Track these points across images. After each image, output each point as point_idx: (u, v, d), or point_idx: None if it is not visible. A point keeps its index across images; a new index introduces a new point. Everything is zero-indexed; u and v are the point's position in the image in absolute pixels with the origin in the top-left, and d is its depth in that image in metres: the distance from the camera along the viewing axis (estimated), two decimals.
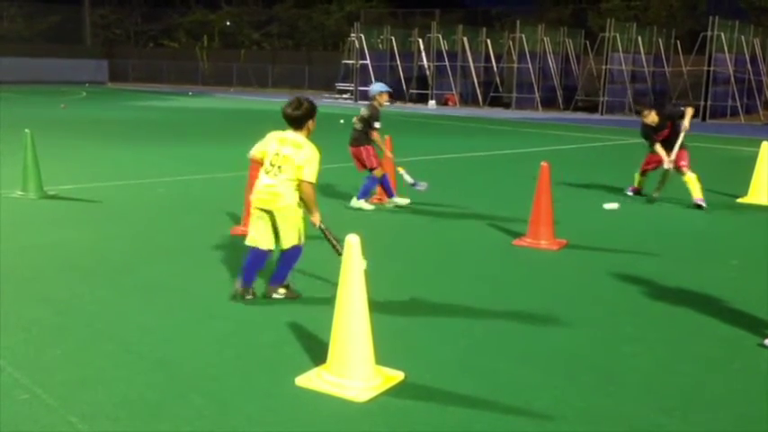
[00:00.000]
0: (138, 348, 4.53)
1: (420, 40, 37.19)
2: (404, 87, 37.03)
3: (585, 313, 5.46)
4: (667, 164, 9.61)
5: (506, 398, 3.96)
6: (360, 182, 9.36)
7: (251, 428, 3.60)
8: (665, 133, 9.63)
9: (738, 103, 30.06)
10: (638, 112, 9.87)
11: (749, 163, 11.03)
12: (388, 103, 8.98)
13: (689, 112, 9.57)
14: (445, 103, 35.65)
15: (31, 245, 7.06)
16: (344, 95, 38.93)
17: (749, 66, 30.85)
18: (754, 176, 10.54)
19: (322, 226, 5.55)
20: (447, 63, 35.62)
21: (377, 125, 8.88)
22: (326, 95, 41.68)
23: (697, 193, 9.64)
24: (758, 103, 31.50)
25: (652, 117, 9.59)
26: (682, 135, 9.56)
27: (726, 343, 4.88)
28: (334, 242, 5.45)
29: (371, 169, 8.98)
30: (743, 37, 30.61)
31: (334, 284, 4.04)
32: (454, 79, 35.87)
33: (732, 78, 29.69)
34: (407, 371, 4.19)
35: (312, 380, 4.05)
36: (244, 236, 7.52)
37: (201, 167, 12.65)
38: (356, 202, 9.08)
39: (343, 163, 13.68)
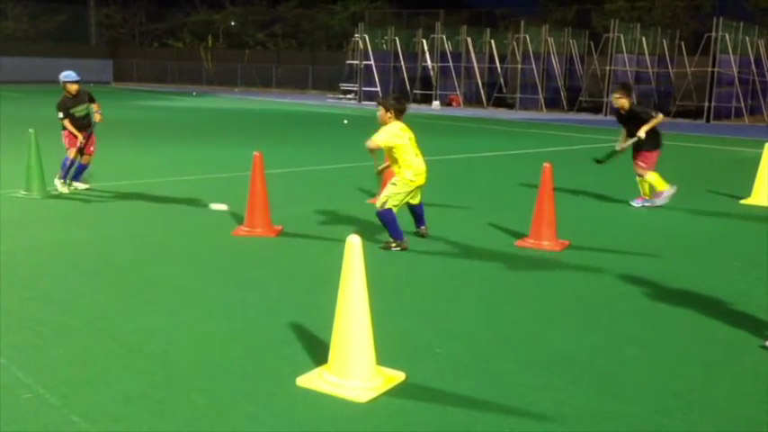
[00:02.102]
0: (141, 348, 4.55)
1: (424, 41, 37.19)
2: (408, 88, 37.05)
3: (587, 314, 5.46)
4: (618, 146, 9.72)
5: (508, 399, 3.97)
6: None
7: (252, 428, 3.60)
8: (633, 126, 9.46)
9: (743, 105, 30.01)
10: (612, 92, 9.90)
11: (753, 164, 11.02)
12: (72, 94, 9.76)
13: (654, 120, 9.31)
14: (449, 104, 35.65)
15: (35, 244, 7.09)
16: (348, 96, 38.95)
17: (753, 67, 30.80)
18: (757, 178, 10.53)
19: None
20: (451, 64, 35.61)
21: (59, 115, 9.53)
22: (330, 96, 41.71)
23: (659, 186, 9.63)
24: (762, 104, 31.43)
25: (621, 102, 9.47)
26: (630, 141, 9.47)
27: (728, 345, 4.87)
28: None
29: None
30: (747, 38, 30.57)
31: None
32: (458, 80, 35.87)
33: (736, 80, 29.64)
34: (408, 371, 4.20)
35: (313, 380, 4.06)
36: (246, 237, 7.57)
37: (204, 168, 12.66)
38: (56, 181, 9.69)
39: (349, 163, 13.70)
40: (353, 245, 3.92)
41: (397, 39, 37.37)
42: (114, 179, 11.08)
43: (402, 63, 37.19)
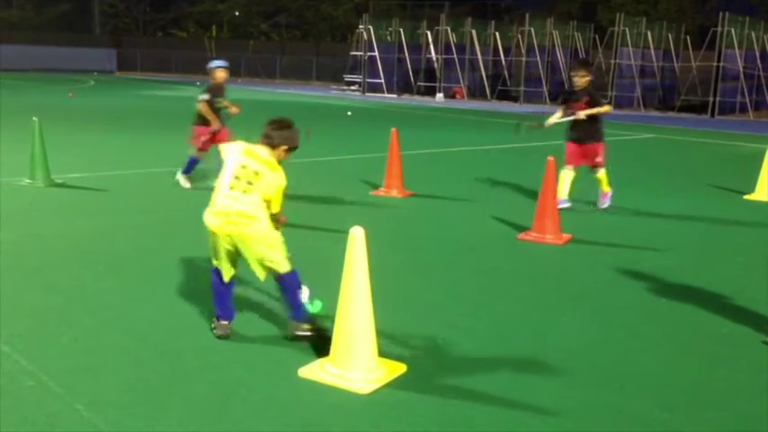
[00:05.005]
0: (144, 337, 4.56)
1: (428, 33, 37.11)
2: (412, 80, 36.99)
3: (590, 308, 5.47)
4: (547, 122, 9.02)
5: (509, 392, 3.98)
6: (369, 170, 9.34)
7: (254, 418, 3.62)
8: (580, 106, 8.76)
9: (747, 100, 29.92)
10: (573, 69, 9.26)
11: (757, 160, 10.99)
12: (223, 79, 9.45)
13: (601, 108, 8.80)
14: (453, 96, 35.59)
15: (39, 233, 7.10)
16: (352, 87, 38.89)
17: (759, 62, 30.68)
18: (761, 173, 10.50)
19: None
20: (455, 56, 35.53)
21: (200, 97, 9.15)
22: (334, 87, 41.66)
23: (606, 186, 8.95)
24: (767, 99, 31.35)
25: (582, 82, 8.78)
26: (566, 118, 8.85)
27: (730, 340, 4.88)
28: None
29: (199, 149, 9.44)
30: (753, 33, 30.44)
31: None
32: (462, 72, 35.79)
33: (741, 74, 29.54)
34: (410, 364, 4.21)
35: (315, 371, 4.07)
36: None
37: (206, 157, 12.65)
38: (178, 176, 9.60)
39: (353, 154, 13.70)
40: (356, 236, 3.93)
41: (401, 30, 37.29)
42: (118, 168, 11.10)
43: (406, 55, 37.12)
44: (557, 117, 8.98)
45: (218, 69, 9.29)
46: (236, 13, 61.98)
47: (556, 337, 4.83)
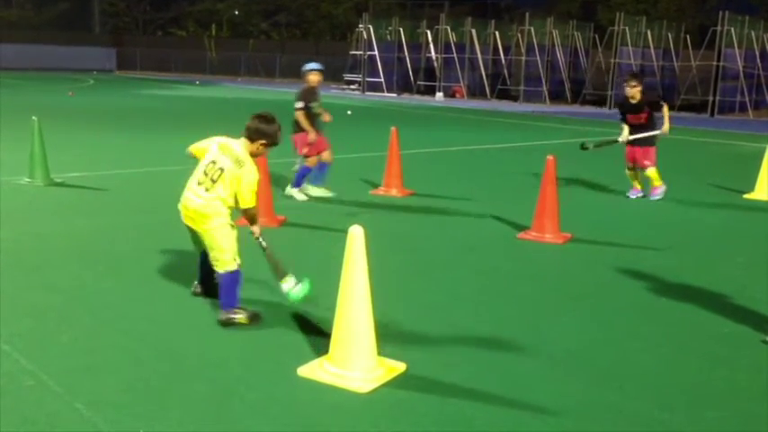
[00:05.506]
0: (144, 337, 4.56)
1: (428, 32, 37.11)
2: (411, 79, 36.99)
3: (589, 307, 5.46)
4: (621, 138, 9.68)
5: (508, 391, 3.98)
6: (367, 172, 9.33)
7: (253, 417, 3.62)
8: (642, 118, 9.51)
9: (747, 99, 29.93)
10: (626, 80, 9.81)
11: (756, 159, 10.99)
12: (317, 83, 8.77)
13: (666, 110, 9.59)
14: (453, 96, 35.59)
15: (39, 232, 7.10)
16: (352, 86, 38.89)
17: (759, 61, 30.69)
18: (760, 172, 10.51)
19: (261, 240, 4.97)
20: (455, 55, 35.54)
21: (296, 105, 8.60)
22: (334, 86, 41.66)
23: (656, 182, 9.78)
24: (767, 98, 31.35)
25: (636, 93, 9.47)
26: (657, 133, 9.56)
27: (730, 340, 4.87)
28: (274, 263, 4.96)
29: (305, 156, 8.73)
30: (753, 32, 30.45)
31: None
32: (462, 71, 35.80)
33: (741, 74, 29.54)
34: (409, 363, 4.21)
35: (314, 370, 4.07)
36: (246, 226, 7.56)
37: None
38: (289, 190, 8.94)
39: (353, 153, 13.70)
40: (356, 236, 3.93)
41: (401, 29, 37.29)
42: (117, 167, 11.09)
43: (406, 54, 37.13)
44: (626, 135, 9.66)
45: (312, 72, 8.70)
46: (236, 12, 61.98)
47: (556, 336, 4.83)
